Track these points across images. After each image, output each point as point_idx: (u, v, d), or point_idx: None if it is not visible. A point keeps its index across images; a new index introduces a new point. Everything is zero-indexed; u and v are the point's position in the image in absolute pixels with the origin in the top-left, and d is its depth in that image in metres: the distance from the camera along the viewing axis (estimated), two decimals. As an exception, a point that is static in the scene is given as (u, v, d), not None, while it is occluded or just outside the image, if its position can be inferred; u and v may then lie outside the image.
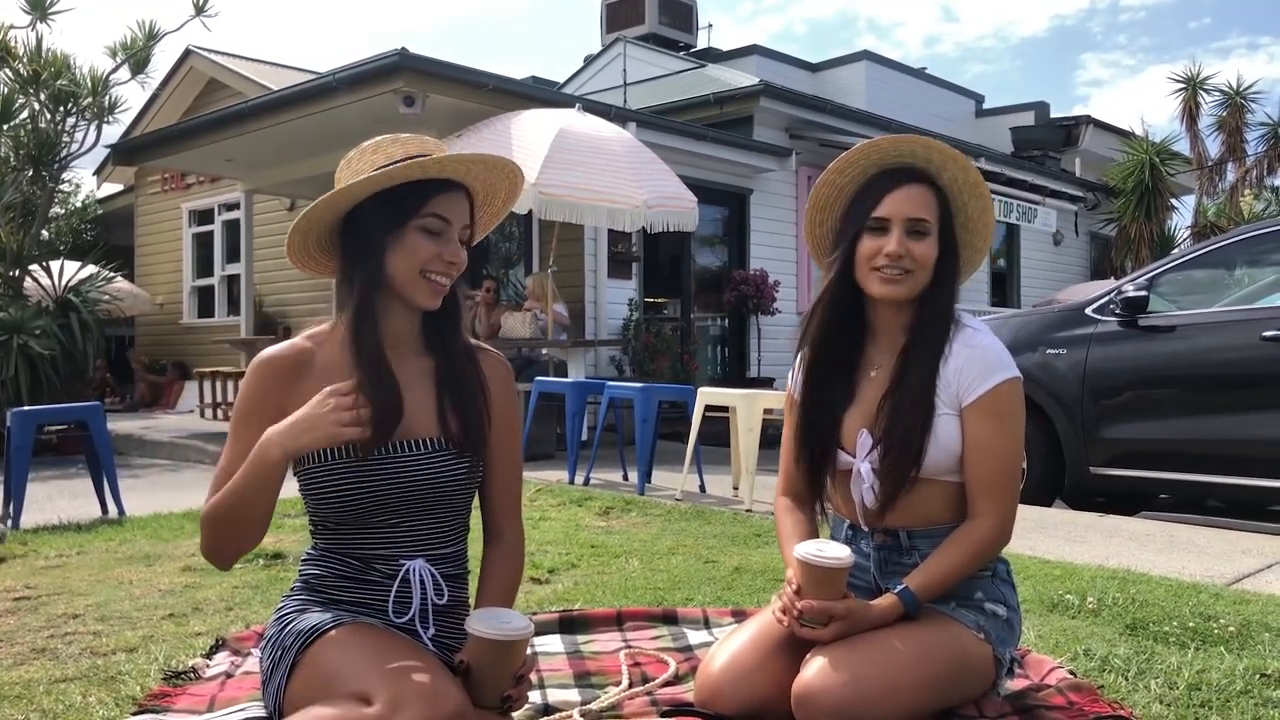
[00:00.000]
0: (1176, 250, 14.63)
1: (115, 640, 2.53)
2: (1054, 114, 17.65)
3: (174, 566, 3.47)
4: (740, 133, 10.73)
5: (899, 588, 1.84)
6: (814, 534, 2.07)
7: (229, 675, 2.17)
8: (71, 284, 9.59)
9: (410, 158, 1.74)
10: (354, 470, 1.70)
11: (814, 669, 1.75)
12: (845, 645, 1.78)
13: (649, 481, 5.47)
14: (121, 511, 4.79)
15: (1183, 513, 5.37)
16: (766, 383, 10.46)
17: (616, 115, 8.91)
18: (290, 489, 1.68)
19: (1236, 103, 16.43)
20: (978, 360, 1.91)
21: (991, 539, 1.89)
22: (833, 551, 1.79)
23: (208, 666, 2.25)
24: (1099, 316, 5.23)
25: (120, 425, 9.43)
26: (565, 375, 7.74)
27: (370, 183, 1.70)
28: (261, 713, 1.81)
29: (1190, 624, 2.65)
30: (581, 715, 1.90)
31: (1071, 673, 2.16)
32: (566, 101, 8.56)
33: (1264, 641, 2.51)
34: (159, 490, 6.06)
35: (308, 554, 1.82)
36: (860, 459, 1.95)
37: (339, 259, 1.79)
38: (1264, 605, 2.92)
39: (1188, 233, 16.68)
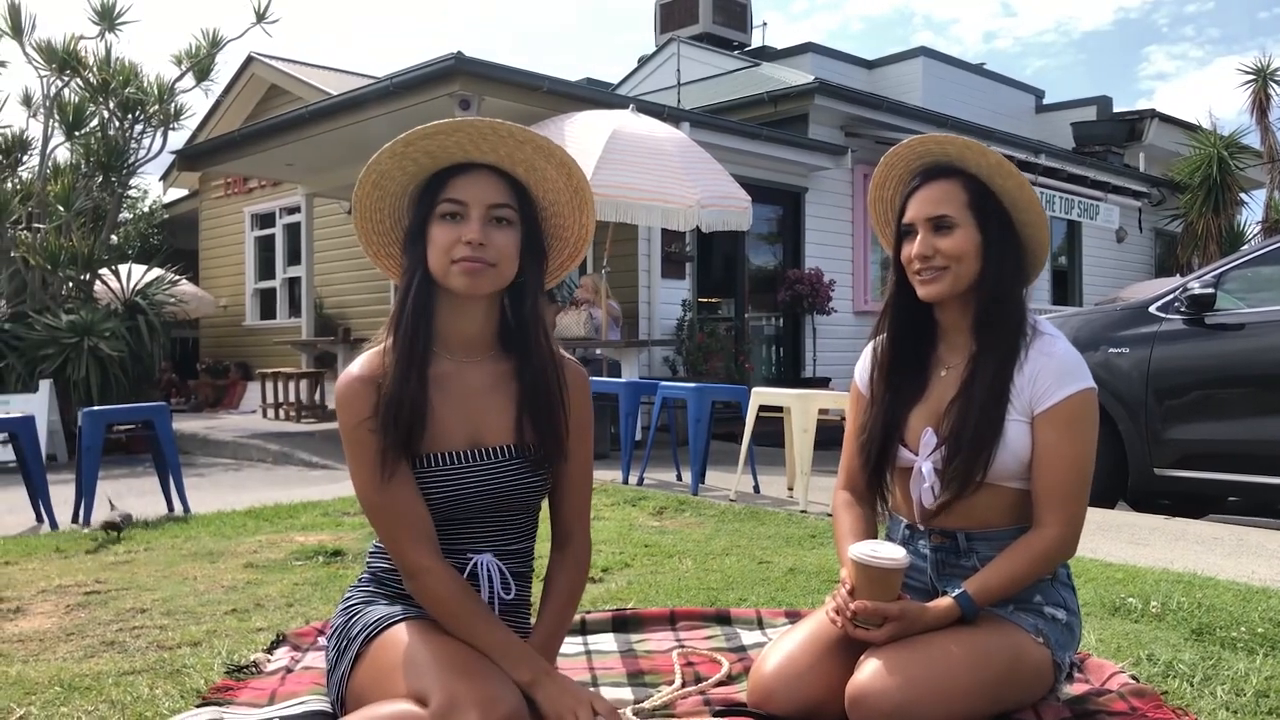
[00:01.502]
0: (1245, 246, 14.25)
1: (180, 634, 2.60)
2: (1118, 108, 17.28)
3: (236, 563, 3.54)
4: (795, 131, 10.67)
5: (957, 591, 1.82)
6: (872, 532, 2.06)
7: (289, 670, 2.22)
8: (139, 287, 9.83)
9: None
10: (434, 475, 1.72)
11: (868, 671, 1.74)
12: (900, 647, 1.76)
13: (702, 482, 5.46)
14: (186, 509, 4.90)
15: (1253, 516, 5.22)
16: (822, 383, 10.39)
17: (670, 115, 8.91)
18: (348, 486, 1.71)
19: (1308, 94, 15.95)
20: (1053, 368, 1.89)
21: (1056, 550, 1.86)
22: (887, 552, 1.77)
23: (269, 661, 2.29)
24: (1163, 315, 5.11)
25: (185, 425, 9.66)
26: (619, 375, 7.77)
27: (363, 188, 1.74)
28: (320, 706, 1.84)
29: (1259, 629, 2.58)
30: (634, 714, 1.90)
31: (1134, 678, 2.11)
32: (620, 102, 8.58)
33: (1337, 648, 2.43)
34: (223, 489, 6.19)
35: (375, 546, 1.85)
36: (923, 458, 1.94)
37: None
38: (1337, 611, 2.83)
39: (1258, 228, 16.23)
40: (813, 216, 10.91)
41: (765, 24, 22.98)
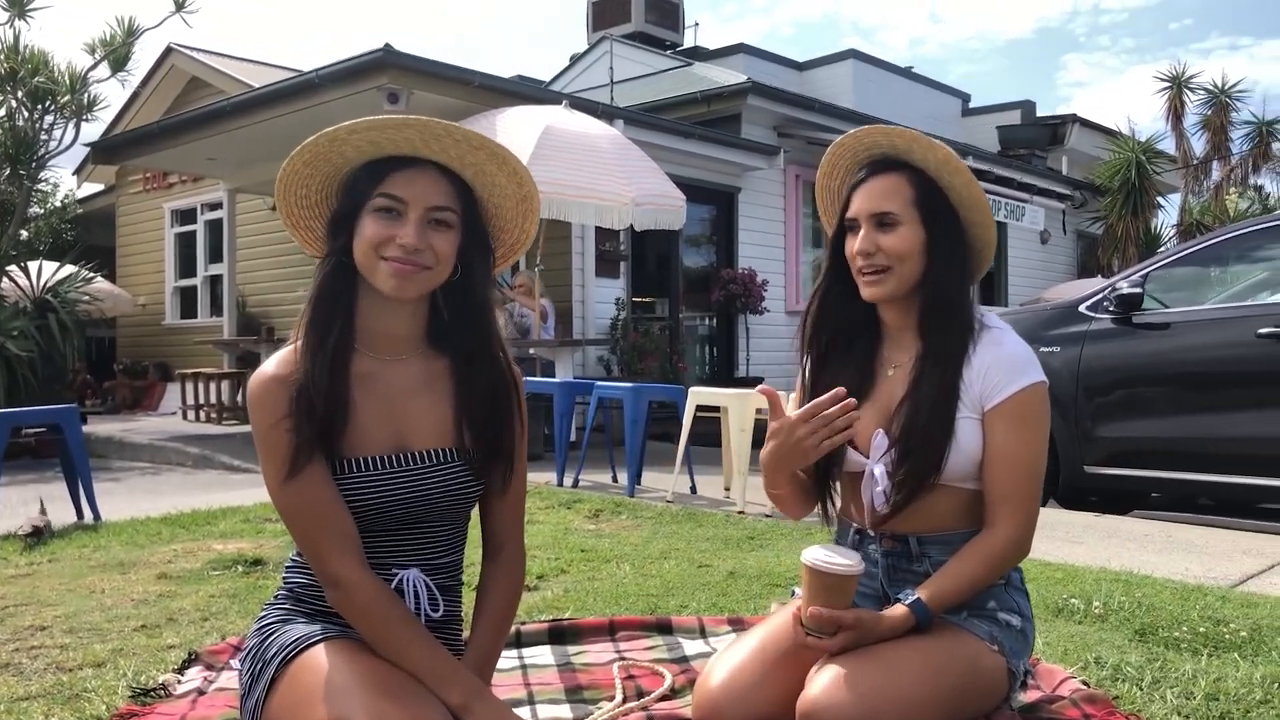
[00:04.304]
0: (1164, 248, 14.65)
1: (83, 654, 2.42)
2: (1040, 113, 17.64)
3: (149, 574, 3.35)
4: (728, 131, 10.65)
5: (911, 599, 1.75)
6: (814, 501, 1.99)
7: (201, 692, 2.06)
8: (50, 285, 9.43)
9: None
10: (354, 481, 1.59)
11: (820, 685, 1.65)
12: (853, 659, 1.68)
13: (639, 483, 5.37)
14: (97, 516, 4.65)
15: (1174, 511, 5.30)
16: (755, 382, 10.34)
17: (604, 112, 8.81)
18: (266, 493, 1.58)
19: (1221, 101, 16.45)
20: (1004, 362, 1.82)
21: (1010, 551, 1.80)
22: (842, 558, 1.69)
23: (179, 683, 2.14)
24: (1093, 314, 5.16)
25: (100, 427, 9.28)
26: (553, 375, 7.64)
27: (293, 164, 1.60)
28: (233, 735, 1.70)
29: (1200, 629, 2.57)
30: (574, 733, 1.80)
31: (1085, 683, 2.07)
32: (553, 98, 8.46)
33: (1279, 647, 2.43)
34: (138, 495, 5.93)
35: (293, 560, 1.72)
36: (874, 460, 1.86)
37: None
38: (1273, 608, 2.84)
39: (1173, 231, 16.72)
40: (746, 216, 10.90)
41: (697, 24, 22.95)
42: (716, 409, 5.44)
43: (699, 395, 5.27)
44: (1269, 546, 3.92)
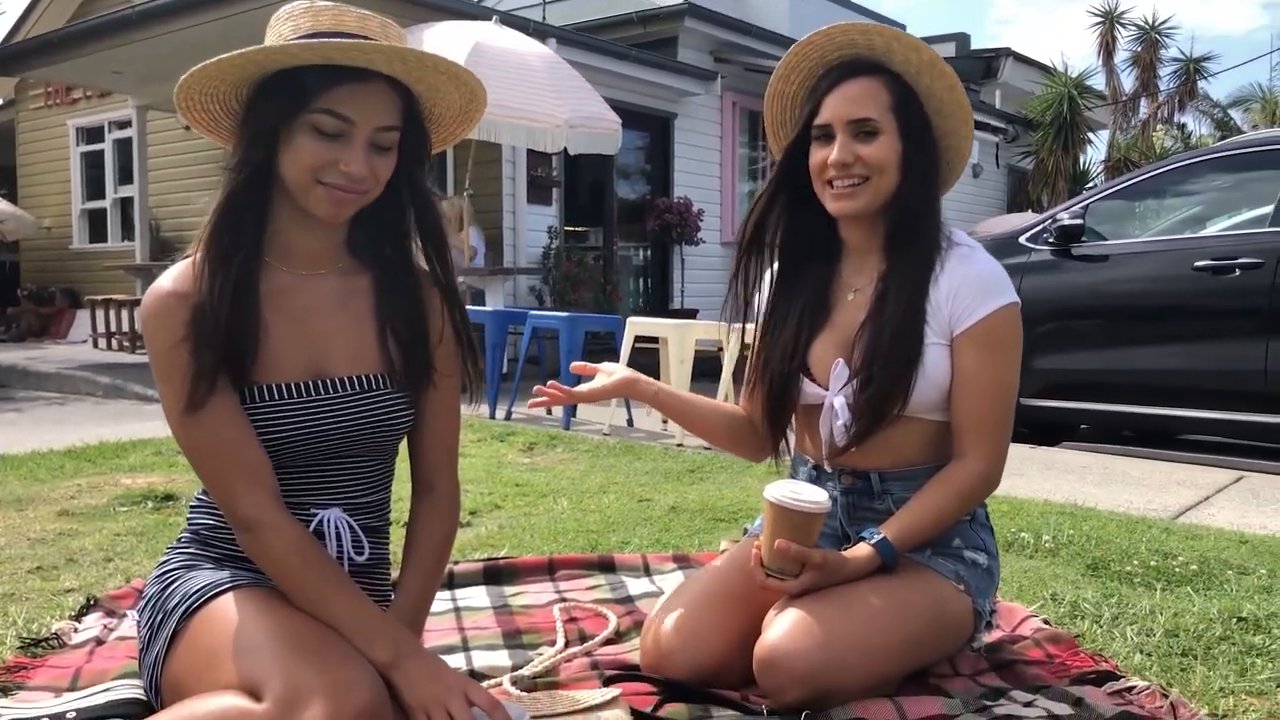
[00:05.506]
0: (1093, 184, 14.80)
1: (-30, 600, 2.21)
2: (974, 47, 17.57)
3: (48, 511, 3.11)
4: (664, 54, 10.36)
5: (876, 538, 1.63)
6: (738, 432, 1.90)
7: (100, 642, 1.88)
8: (-57, 204, 8.84)
9: (317, 35, 1.39)
10: (267, 412, 1.41)
11: (781, 629, 1.54)
12: (814, 602, 1.57)
13: (574, 416, 5.23)
14: (-5, 449, 4.36)
15: (1098, 443, 5.33)
16: (690, 314, 10.24)
17: (536, 30, 8.46)
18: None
19: (1151, 38, 16.60)
20: (973, 282, 1.68)
21: (979, 484, 1.69)
22: (810, 495, 1.56)
23: (75, 631, 1.94)
24: (1032, 245, 5.10)
25: (3, 356, 8.82)
26: (483, 305, 7.41)
27: (220, 66, 1.34)
28: (132, 693, 1.53)
29: (1151, 563, 2.52)
30: (513, 683, 1.66)
31: (1046, 621, 1.99)
32: (483, 14, 8.08)
33: (1229, 580, 2.40)
34: (43, 426, 5.61)
35: (198, 499, 1.53)
36: (834, 391, 1.72)
37: (234, 140, 1.44)
38: (1216, 540, 2.82)
39: (1101, 167, 16.89)
40: (682, 144, 10.66)
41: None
42: (655, 340, 5.30)
43: (637, 325, 5.12)
44: (1201, 477, 3.94)
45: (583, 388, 1.87)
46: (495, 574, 2.31)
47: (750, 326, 1.86)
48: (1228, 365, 4.44)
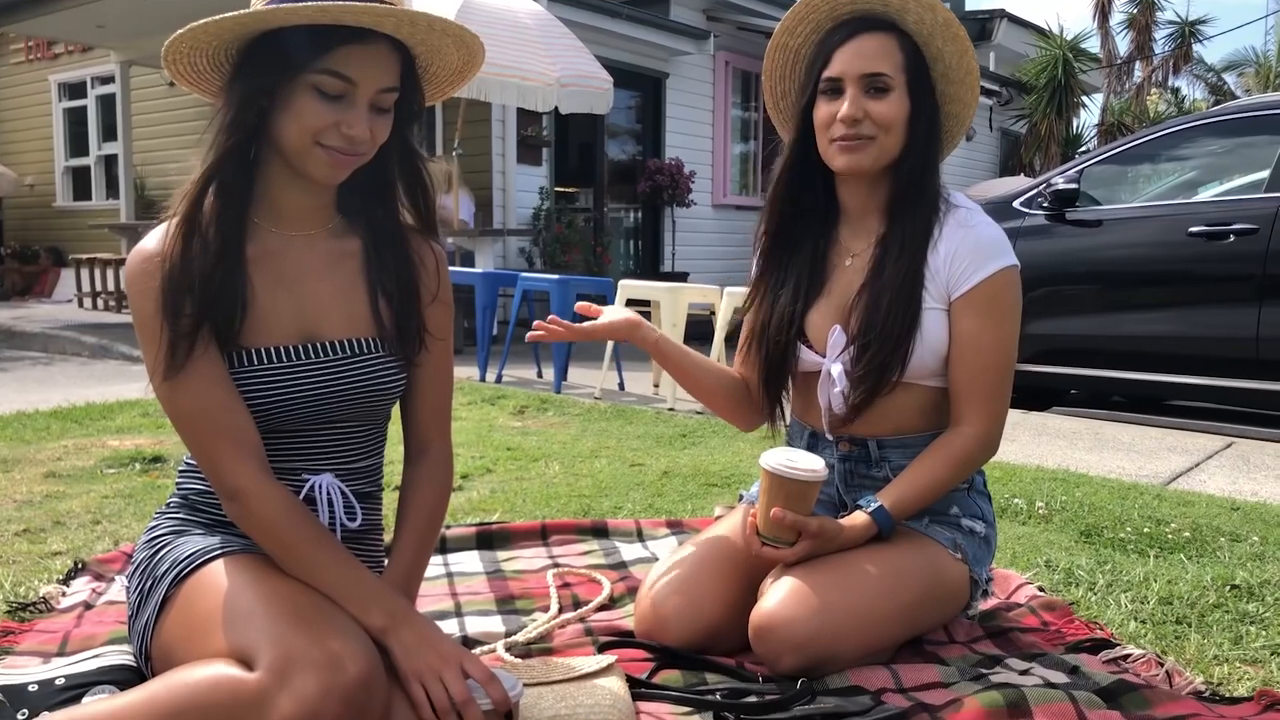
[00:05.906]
0: (1086, 148, 14.75)
1: (-44, 563, 2.18)
2: (969, 8, 17.42)
3: (35, 473, 3.08)
4: (656, 12, 10.22)
5: (872, 505, 1.62)
6: (733, 395, 1.86)
7: (88, 606, 1.86)
8: (-77, 160, 8.70)
9: None
10: (257, 376, 1.38)
11: (776, 597, 1.53)
12: (810, 570, 1.56)
13: (565, 379, 5.21)
14: (-19, 410, 4.32)
15: (1087, 408, 5.33)
16: (681, 277, 10.20)
17: (527, -13, 8.32)
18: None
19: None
20: (972, 245, 1.66)
21: (977, 451, 1.67)
22: (806, 463, 1.54)
23: (63, 595, 1.92)
24: (1027, 210, 5.07)
25: (-13, 315, 8.73)
26: (472, 265, 7.36)
27: (222, 25, 1.29)
28: (122, 659, 1.51)
29: (1144, 529, 2.52)
30: (506, 649, 1.65)
31: (1041, 589, 1.99)
32: (473, -30, 7.94)
33: (1222, 547, 2.40)
34: (28, 386, 5.56)
35: (187, 464, 1.50)
36: (831, 359, 1.70)
37: (224, 98, 1.38)
38: (1207, 507, 2.83)
39: (1095, 131, 16.83)
40: (674, 104, 10.55)
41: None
42: (647, 303, 5.26)
43: (629, 288, 5.08)
44: (1192, 443, 3.95)
45: (585, 325, 1.83)
46: (488, 538, 2.29)
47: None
48: (1220, 331, 4.44)
